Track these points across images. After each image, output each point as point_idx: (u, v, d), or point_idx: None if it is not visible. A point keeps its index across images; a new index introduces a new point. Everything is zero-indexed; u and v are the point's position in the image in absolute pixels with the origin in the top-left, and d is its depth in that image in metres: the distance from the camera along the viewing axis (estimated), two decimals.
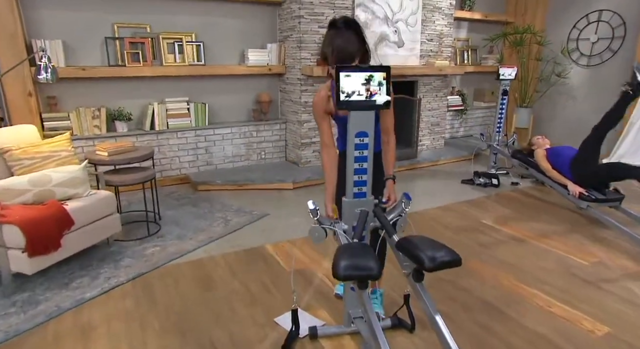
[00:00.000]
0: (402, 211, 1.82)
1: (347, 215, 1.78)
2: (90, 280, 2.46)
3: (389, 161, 1.96)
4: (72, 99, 3.85)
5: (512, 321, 2.16)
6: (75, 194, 2.58)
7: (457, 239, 3.14)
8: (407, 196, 1.82)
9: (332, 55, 1.74)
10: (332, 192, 1.92)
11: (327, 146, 1.95)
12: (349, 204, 1.77)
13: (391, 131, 1.95)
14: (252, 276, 2.58)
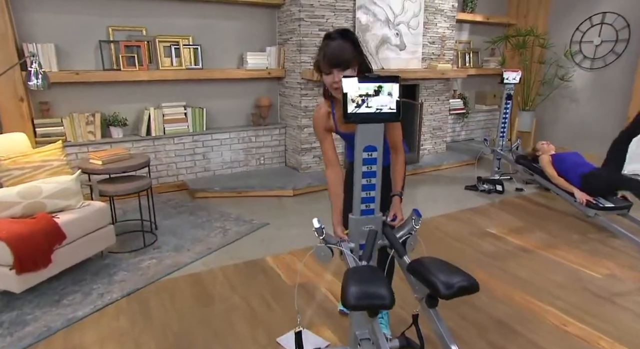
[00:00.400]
0: (412, 228, 1.71)
1: (354, 233, 1.68)
2: (82, 297, 2.35)
3: (396, 177, 1.85)
4: (66, 104, 3.73)
5: (526, 340, 2.07)
6: (67, 206, 2.47)
7: (463, 250, 3.05)
8: (417, 212, 1.72)
9: (324, 60, 1.66)
10: (339, 216, 1.79)
11: (332, 165, 1.84)
12: (356, 221, 1.67)
13: (399, 146, 1.84)
14: (252, 291, 2.48)
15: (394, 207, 1.81)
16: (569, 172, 3.62)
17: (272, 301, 2.37)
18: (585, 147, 5.70)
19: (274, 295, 2.44)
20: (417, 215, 1.71)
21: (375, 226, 1.66)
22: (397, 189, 1.84)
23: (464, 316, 2.26)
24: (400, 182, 1.84)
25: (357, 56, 1.68)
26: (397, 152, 1.84)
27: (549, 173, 3.74)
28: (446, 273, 1.37)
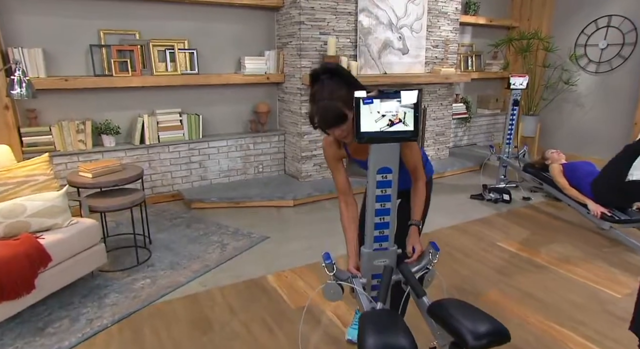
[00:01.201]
0: (429, 263, 1.57)
1: (366, 267, 1.53)
2: (70, 323, 2.18)
3: (415, 204, 1.66)
4: (54, 111, 3.56)
5: None
6: (54, 225, 2.30)
7: (472, 266, 2.90)
8: (434, 246, 1.57)
9: (318, 122, 1.48)
10: (353, 249, 1.63)
11: (344, 194, 1.70)
12: (368, 255, 1.52)
13: (419, 169, 1.64)
14: (252, 315, 2.32)
15: (411, 239, 1.65)
16: (581, 183, 3.48)
17: (275, 326, 2.22)
18: (590, 152, 5.58)
19: (276, 319, 2.28)
20: (435, 249, 1.57)
21: (390, 260, 1.51)
22: (416, 218, 1.67)
23: None
24: (419, 210, 1.66)
25: (350, 99, 1.41)
26: (417, 176, 1.66)
27: (560, 183, 3.60)
28: (473, 320, 1.22)
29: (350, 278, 1.54)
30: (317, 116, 1.45)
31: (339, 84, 1.44)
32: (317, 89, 1.45)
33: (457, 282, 2.69)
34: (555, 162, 3.82)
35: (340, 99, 1.43)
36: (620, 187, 3.20)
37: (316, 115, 1.46)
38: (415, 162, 1.62)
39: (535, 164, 4.15)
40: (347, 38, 4.19)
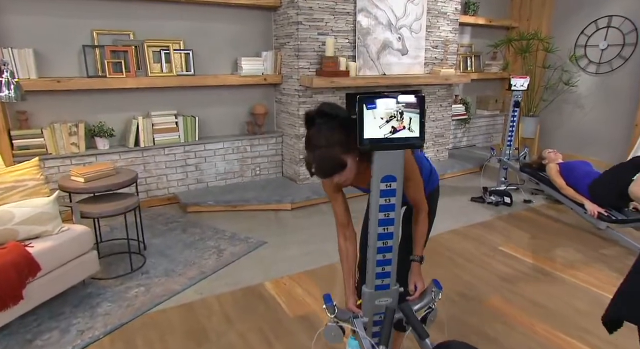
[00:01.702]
0: (431, 301, 1.52)
1: (367, 307, 1.47)
2: (60, 335, 2.10)
3: (417, 237, 1.57)
4: (46, 114, 3.47)
5: None
6: (44, 232, 2.22)
7: (475, 271, 2.84)
8: (437, 284, 1.52)
9: (316, 171, 1.36)
10: (352, 285, 1.58)
11: (343, 227, 1.61)
12: (370, 295, 1.46)
13: (421, 201, 1.55)
14: (250, 325, 2.25)
15: (414, 276, 1.58)
16: (578, 183, 3.45)
17: (273, 338, 2.14)
18: (590, 153, 5.54)
19: (274, 329, 2.21)
20: (438, 287, 1.51)
21: (392, 300, 1.46)
22: (418, 253, 1.59)
23: None
24: (421, 243, 1.59)
25: (349, 143, 1.31)
26: (419, 208, 1.56)
27: (557, 183, 3.57)
28: None
29: (351, 317, 1.48)
30: (314, 164, 1.34)
31: (336, 127, 1.32)
32: (313, 134, 1.33)
33: (459, 288, 2.63)
34: (552, 162, 3.79)
35: (339, 145, 1.31)
36: (619, 192, 3.16)
37: (313, 163, 1.34)
38: (418, 195, 1.54)
39: (533, 164, 4.11)
40: (346, 38, 4.12)
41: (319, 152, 1.32)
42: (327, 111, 1.33)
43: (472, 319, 2.32)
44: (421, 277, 1.58)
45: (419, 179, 1.52)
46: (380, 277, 1.45)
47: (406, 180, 1.43)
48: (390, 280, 1.46)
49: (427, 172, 1.73)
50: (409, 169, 1.44)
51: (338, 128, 1.32)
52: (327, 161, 1.32)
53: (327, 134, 1.32)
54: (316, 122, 1.34)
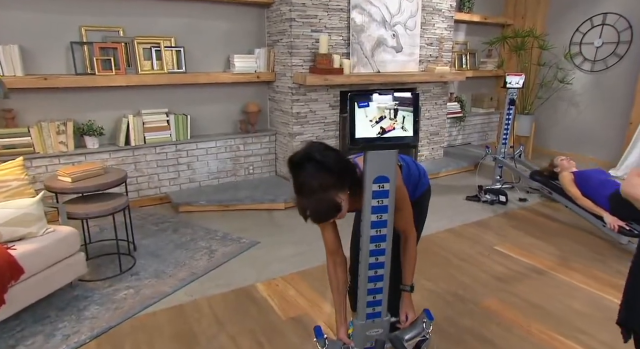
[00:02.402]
0: (421, 332, 1.51)
1: (358, 338, 1.47)
2: (44, 339, 2.04)
3: (406, 265, 1.56)
4: (33, 112, 3.39)
5: None
6: (28, 234, 2.15)
7: (470, 272, 2.80)
8: (428, 314, 1.50)
9: (312, 218, 1.33)
10: (343, 315, 1.57)
11: (333, 254, 1.59)
12: (361, 327, 1.46)
13: (409, 229, 1.53)
14: (241, 328, 2.20)
15: (404, 305, 1.58)
16: (596, 193, 3.28)
17: (265, 341, 2.10)
18: (585, 151, 5.54)
19: (266, 332, 2.16)
20: (429, 318, 1.50)
21: (383, 330, 1.46)
22: (407, 282, 1.57)
23: None
24: (410, 272, 1.57)
25: (342, 182, 1.30)
26: (407, 236, 1.54)
27: (572, 193, 3.41)
28: None
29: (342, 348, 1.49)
30: (309, 210, 1.30)
31: (326, 169, 1.27)
32: (304, 179, 1.28)
33: (454, 288, 2.59)
34: (565, 170, 3.64)
35: (332, 188, 1.28)
36: None
37: (308, 209, 1.30)
38: (407, 225, 1.52)
39: (544, 171, 3.94)
40: (340, 35, 4.07)
41: (315, 199, 1.28)
42: (314, 156, 1.27)
43: (467, 320, 2.28)
44: (412, 307, 1.59)
45: (409, 210, 1.50)
46: (372, 305, 1.45)
47: (397, 211, 1.40)
48: (382, 308, 1.45)
49: (416, 176, 1.70)
50: (400, 200, 1.42)
51: (329, 168, 1.28)
52: (324, 207, 1.30)
53: (319, 178, 1.27)
54: (305, 165, 1.29)
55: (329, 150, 1.33)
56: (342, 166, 1.32)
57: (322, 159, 1.28)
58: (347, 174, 1.32)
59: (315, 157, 1.28)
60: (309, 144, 1.35)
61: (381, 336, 1.48)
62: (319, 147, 1.33)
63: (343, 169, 1.31)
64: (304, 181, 1.29)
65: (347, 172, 1.33)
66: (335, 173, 1.29)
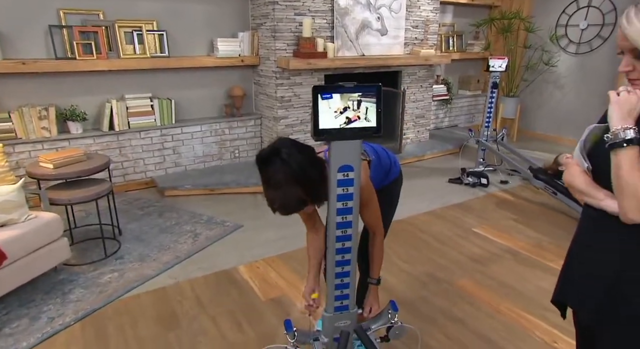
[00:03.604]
0: (387, 322, 1.59)
1: (327, 329, 1.53)
2: (29, 322, 2.11)
3: (374, 260, 1.63)
4: (13, 97, 3.38)
5: None
6: (9, 221, 2.19)
7: (447, 253, 2.89)
8: (393, 305, 1.58)
9: (279, 210, 1.38)
10: (314, 277, 1.68)
11: (311, 229, 1.69)
12: (329, 319, 1.52)
13: (376, 225, 1.59)
14: (222, 309, 2.27)
15: (370, 298, 1.67)
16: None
17: (244, 322, 2.18)
18: (569, 133, 5.61)
19: (246, 314, 2.24)
20: (394, 309, 1.58)
21: (351, 321, 1.52)
22: (374, 276, 1.66)
23: (447, 334, 2.11)
24: (377, 266, 1.65)
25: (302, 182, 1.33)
26: (375, 232, 1.61)
27: None
28: None
29: (312, 340, 1.55)
30: (276, 203, 1.35)
31: (294, 162, 1.32)
32: (271, 174, 1.32)
33: (431, 270, 2.68)
34: None
35: (298, 184, 1.32)
36: None
37: (275, 202, 1.35)
38: (374, 221, 1.57)
39: (548, 169, 3.81)
40: (324, 19, 4.04)
41: (281, 193, 1.33)
42: (283, 156, 1.31)
43: (441, 300, 2.38)
44: (377, 300, 1.68)
45: (377, 207, 1.55)
46: (339, 299, 1.50)
47: (363, 206, 1.45)
48: (349, 301, 1.52)
49: (387, 164, 1.75)
50: (366, 196, 1.46)
51: (296, 163, 1.32)
52: (290, 201, 1.35)
53: (286, 172, 1.31)
54: (272, 160, 1.32)
55: (296, 147, 1.37)
56: (307, 163, 1.35)
57: (288, 157, 1.32)
58: (311, 171, 1.35)
59: (282, 153, 1.32)
60: (277, 140, 1.39)
61: (349, 328, 1.56)
62: (286, 143, 1.37)
63: (308, 165, 1.34)
64: (271, 175, 1.34)
65: (312, 168, 1.36)
66: (301, 166, 1.33)
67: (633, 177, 0.94)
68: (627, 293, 1.05)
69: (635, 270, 1.04)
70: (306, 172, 1.34)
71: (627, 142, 0.96)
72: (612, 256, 1.07)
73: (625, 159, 0.95)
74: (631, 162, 0.95)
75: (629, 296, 1.05)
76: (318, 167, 1.40)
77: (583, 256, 1.20)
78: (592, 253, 1.15)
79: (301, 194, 1.34)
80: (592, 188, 1.08)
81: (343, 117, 1.30)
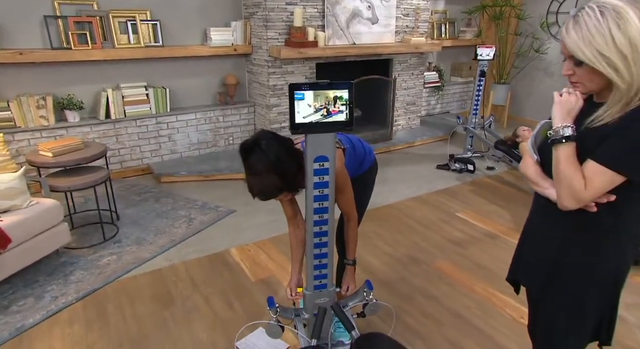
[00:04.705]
0: (362, 299, 1.75)
1: (308, 306, 1.69)
2: (34, 301, 2.26)
3: (349, 242, 1.78)
4: (11, 86, 3.47)
5: (482, 335, 2.10)
6: (13, 207, 2.33)
7: (429, 237, 3.04)
8: (369, 284, 1.74)
9: (258, 195, 1.52)
10: (298, 269, 1.82)
11: (292, 219, 1.82)
12: (309, 296, 1.67)
13: (351, 212, 1.73)
14: (214, 289, 2.43)
15: (347, 278, 1.82)
16: None
17: (234, 301, 2.33)
18: None
19: (236, 293, 2.40)
20: (369, 288, 1.73)
21: (329, 299, 1.67)
22: (350, 257, 1.81)
23: (423, 311, 2.27)
24: (353, 248, 1.79)
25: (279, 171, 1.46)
26: (349, 217, 1.75)
27: None
28: None
29: (293, 316, 1.71)
30: (255, 189, 1.49)
31: (272, 153, 1.45)
32: (251, 162, 1.47)
33: (413, 252, 2.84)
34: (526, 140, 3.81)
35: (275, 173, 1.45)
36: None
37: (254, 188, 1.49)
38: (349, 208, 1.71)
39: (508, 140, 4.06)
40: (314, 8, 4.11)
41: (260, 180, 1.47)
42: (262, 147, 1.45)
43: (420, 280, 2.53)
44: (354, 279, 1.83)
45: (351, 193, 1.69)
46: (318, 278, 1.65)
47: (339, 192, 1.60)
48: (327, 280, 1.66)
49: (362, 153, 1.87)
50: (341, 182, 1.60)
51: (274, 152, 1.46)
52: (267, 187, 1.48)
53: (265, 160, 1.45)
54: (254, 150, 1.47)
55: (275, 139, 1.50)
56: (284, 154, 1.48)
57: (267, 147, 1.45)
58: (287, 161, 1.48)
59: (262, 144, 1.46)
60: (259, 132, 1.53)
61: (327, 304, 1.71)
62: (267, 135, 1.50)
63: (285, 156, 1.47)
64: (251, 164, 1.48)
65: (289, 158, 1.49)
66: (279, 156, 1.47)
67: (569, 170, 1.06)
68: (563, 277, 1.20)
69: (569, 256, 1.18)
70: (282, 163, 1.47)
71: (565, 139, 1.08)
72: (555, 241, 1.21)
73: (563, 153, 1.08)
74: (567, 157, 1.07)
75: (564, 280, 1.19)
76: (295, 157, 1.54)
77: (532, 239, 1.33)
78: (539, 237, 1.28)
79: (278, 182, 1.48)
80: (540, 178, 1.21)
81: (318, 113, 1.42)
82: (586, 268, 1.15)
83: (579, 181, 1.03)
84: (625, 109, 1.01)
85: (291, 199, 1.75)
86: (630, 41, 0.96)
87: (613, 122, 1.02)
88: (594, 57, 0.99)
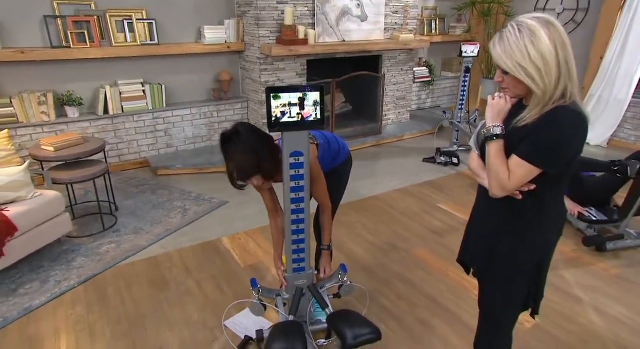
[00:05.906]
0: (338, 281, 1.96)
1: (289, 286, 1.90)
2: (40, 285, 2.45)
3: (324, 228, 1.97)
4: (14, 83, 3.63)
5: (451, 315, 2.29)
6: (18, 198, 2.50)
7: (410, 227, 3.23)
8: (343, 268, 1.95)
9: (238, 174, 1.70)
10: (279, 255, 2.01)
11: (273, 211, 1.99)
12: (290, 278, 1.88)
13: (325, 202, 1.92)
14: (206, 274, 2.62)
15: (323, 262, 2.02)
16: None
17: (225, 285, 2.52)
18: None
19: (226, 278, 2.58)
20: (343, 271, 1.95)
21: (307, 280, 1.88)
22: (325, 242, 1.99)
23: (399, 294, 2.45)
24: (328, 233, 1.97)
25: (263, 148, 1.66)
26: (324, 208, 1.93)
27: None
28: (353, 325, 1.59)
29: (275, 295, 1.94)
30: (234, 170, 1.66)
31: (248, 139, 1.64)
32: (230, 147, 1.65)
33: (394, 241, 3.02)
34: None
35: (253, 152, 1.63)
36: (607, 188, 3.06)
37: (233, 171, 1.67)
38: (323, 198, 1.90)
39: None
40: (305, 6, 4.25)
41: (238, 156, 1.65)
42: (240, 135, 1.64)
43: (398, 266, 2.72)
44: (329, 263, 2.03)
45: (324, 184, 1.87)
46: (297, 262, 1.86)
47: (313, 183, 1.79)
48: (305, 264, 1.86)
49: (336, 148, 2.04)
50: (314, 175, 1.79)
51: (250, 138, 1.64)
52: (247, 162, 1.65)
53: (243, 144, 1.64)
54: (231, 138, 1.66)
55: (251, 129, 1.69)
56: (259, 141, 1.67)
57: (244, 134, 1.65)
58: (261, 146, 1.67)
59: (239, 133, 1.65)
60: (237, 124, 1.71)
61: (305, 285, 1.91)
62: (244, 125, 1.69)
63: (259, 142, 1.67)
64: (229, 151, 1.67)
65: (262, 145, 1.68)
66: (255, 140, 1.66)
67: (497, 163, 1.24)
68: (496, 262, 1.38)
69: (501, 243, 1.36)
70: (257, 146, 1.66)
71: (495, 137, 1.26)
72: (490, 225, 1.39)
73: (493, 149, 1.26)
74: (497, 152, 1.25)
75: (497, 264, 1.38)
76: (270, 147, 1.72)
77: (475, 224, 1.52)
78: (480, 223, 1.46)
79: (254, 160, 1.65)
80: (480, 170, 1.39)
81: (293, 113, 1.59)
82: (513, 256, 1.34)
83: (505, 172, 1.21)
84: (541, 111, 1.18)
85: (270, 189, 1.92)
86: (542, 56, 1.13)
87: (533, 122, 1.19)
88: (515, 68, 1.17)
